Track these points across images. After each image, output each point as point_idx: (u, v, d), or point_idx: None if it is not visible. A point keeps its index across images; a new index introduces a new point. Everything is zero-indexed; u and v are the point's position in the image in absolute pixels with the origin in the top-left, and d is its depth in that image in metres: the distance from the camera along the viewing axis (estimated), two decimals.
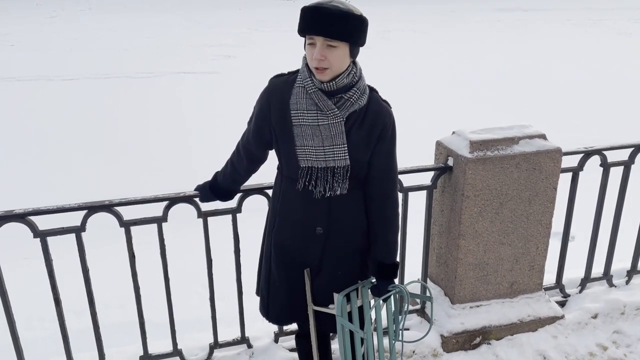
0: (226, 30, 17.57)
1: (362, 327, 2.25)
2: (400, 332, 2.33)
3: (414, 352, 2.86)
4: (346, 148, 2.01)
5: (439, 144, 2.91)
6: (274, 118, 2.06)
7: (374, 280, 2.27)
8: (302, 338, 2.53)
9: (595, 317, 3.12)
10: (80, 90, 10.66)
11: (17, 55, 14.02)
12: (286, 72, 2.13)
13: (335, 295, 2.19)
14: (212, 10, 22.80)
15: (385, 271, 2.19)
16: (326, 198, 2.09)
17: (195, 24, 18.98)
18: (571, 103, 9.58)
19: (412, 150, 3.75)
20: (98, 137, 7.85)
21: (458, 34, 16.80)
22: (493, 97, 9.94)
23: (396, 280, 2.25)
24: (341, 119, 1.98)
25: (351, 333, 2.28)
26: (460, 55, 13.84)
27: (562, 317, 3.05)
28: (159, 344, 2.84)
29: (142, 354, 2.73)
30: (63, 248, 2.55)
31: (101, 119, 8.68)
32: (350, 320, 2.23)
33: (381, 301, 2.22)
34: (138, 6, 24.21)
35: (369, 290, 2.27)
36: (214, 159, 2.46)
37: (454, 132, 2.87)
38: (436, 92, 10.44)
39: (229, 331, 2.92)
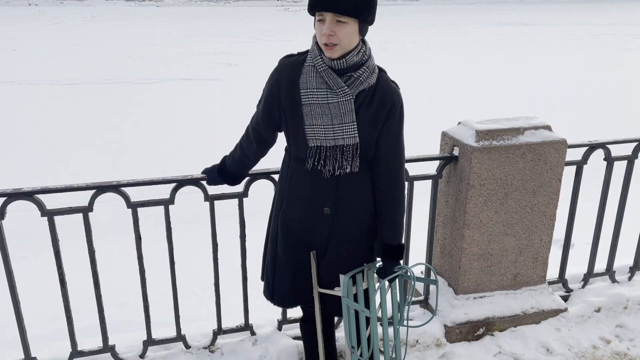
0: (228, 39, 17.67)
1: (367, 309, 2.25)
2: (405, 321, 2.34)
3: (417, 341, 2.86)
4: (355, 126, 2.03)
5: (444, 135, 2.93)
6: (283, 97, 2.08)
7: (379, 264, 2.28)
8: (306, 322, 2.54)
9: (598, 310, 3.12)
10: (82, 94, 10.69)
11: (19, 60, 14.09)
12: (296, 53, 2.16)
13: (341, 277, 2.20)
14: (215, 19, 22.96)
15: (391, 252, 2.20)
16: (334, 178, 2.10)
17: (198, 32, 19.10)
18: (575, 104, 9.67)
19: (417, 147, 3.77)
20: (98, 139, 7.86)
21: (459, 45, 16.91)
22: (495, 99, 10.01)
23: (402, 262, 2.26)
24: (351, 97, 2.00)
25: (356, 317, 2.28)
26: (462, 61, 13.95)
27: (566, 310, 3.06)
28: (162, 331, 2.84)
29: (145, 338, 2.72)
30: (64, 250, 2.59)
31: (102, 123, 8.70)
32: (356, 302, 2.24)
33: (387, 282, 2.23)
34: (141, 15, 24.36)
35: (375, 273, 2.28)
36: (212, 159, 2.51)
37: (459, 123, 2.89)
38: (439, 92, 10.53)
39: (231, 320, 2.92)
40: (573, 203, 3.08)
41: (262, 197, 2.86)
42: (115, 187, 2.41)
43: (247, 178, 2.53)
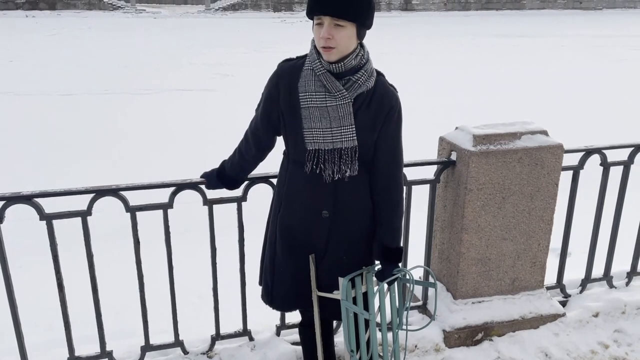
0: (225, 51, 17.71)
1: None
2: (404, 326, 2.34)
3: (416, 346, 2.86)
4: (354, 129, 2.04)
5: (442, 140, 2.94)
6: (282, 101, 2.10)
7: (378, 267, 2.28)
8: (305, 327, 2.53)
9: (596, 315, 3.12)
10: (79, 104, 10.69)
11: (17, 70, 14.08)
12: (294, 57, 2.17)
13: (340, 280, 2.20)
14: (212, 31, 23.03)
15: (389, 255, 2.20)
16: (332, 181, 2.11)
17: (195, 43, 19.14)
18: (571, 111, 9.74)
19: (414, 152, 3.79)
20: (95, 149, 7.85)
21: (455, 55, 17.00)
22: (491, 105, 10.07)
23: (400, 265, 2.26)
24: (349, 100, 2.02)
25: (355, 321, 2.27)
26: (459, 70, 14.05)
27: (564, 315, 3.06)
28: (160, 337, 2.83)
29: (143, 344, 2.71)
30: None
31: (99, 132, 8.70)
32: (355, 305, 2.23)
33: (385, 285, 2.23)
34: (138, 26, 24.42)
35: (374, 276, 2.28)
36: (209, 167, 2.52)
37: (457, 128, 2.91)
38: (436, 99, 10.60)
39: (229, 325, 2.91)
40: (570, 208, 3.10)
41: (260, 201, 2.85)
42: (114, 191, 2.42)
43: (246, 182, 2.54)
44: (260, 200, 2.85)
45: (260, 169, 2.47)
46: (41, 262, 3.14)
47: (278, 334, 2.89)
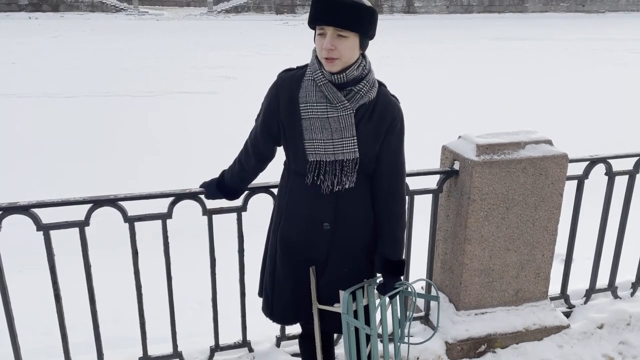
0: (227, 53, 17.70)
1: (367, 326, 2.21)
2: (407, 337, 2.30)
3: (418, 358, 2.82)
4: (356, 141, 2.01)
5: (445, 149, 2.91)
6: (282, 112, 2.06)
7: (379, 280, 2.24)
8: (305, 339, 2.50)
9: (601, 327, 3.08)
10: (80, 107, 10.67)
11: (18, 72, 14.08)
12: (295, 67, 2.14)
13: (341, 293, 2.16)
14: (214, 33, 23.02)
15: (391, 268, 2.17)
16: (333, 193, 2.08)
17: (197, 46, 19.13)
18: (574, 119, 9.70)
19: (417, 161, 3.75)
20: (95, 151, 7.83)
21: (457, 60, 16.97)
22: (494, 113, 10.03)
23: (402, 278, 2.22)
24: (351, 111, 1.98)
25: (356, 334, 2.24)
26: (461, 75, 14.02)
27: (568, 326, 3.02)
28: (158, 347, 2.79)
29: (141, 355, 2.68)
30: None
31: (99, 136, 8.68)
32: (356, 319, 2.20)
33: (387, 298, 2.20)
34: (140, 29, 24.45)
35: (375, 289, 2.24)
36: (210, 173, 2.48)
37: (460, 137, 2.87)
38: (438, 105, 10.58)
39: (229, 336, 2.87)
40: (574, 218, 3.06)
41: (260, 211, 2.83)
42: (113, 201, 2.38)
43: (246, 192, 2.51)
44: (261, 207, 2.82)
45: (261, 179, 2.44)
46: (40, 267, 3.10)
47: (278, 345, 2.85)
